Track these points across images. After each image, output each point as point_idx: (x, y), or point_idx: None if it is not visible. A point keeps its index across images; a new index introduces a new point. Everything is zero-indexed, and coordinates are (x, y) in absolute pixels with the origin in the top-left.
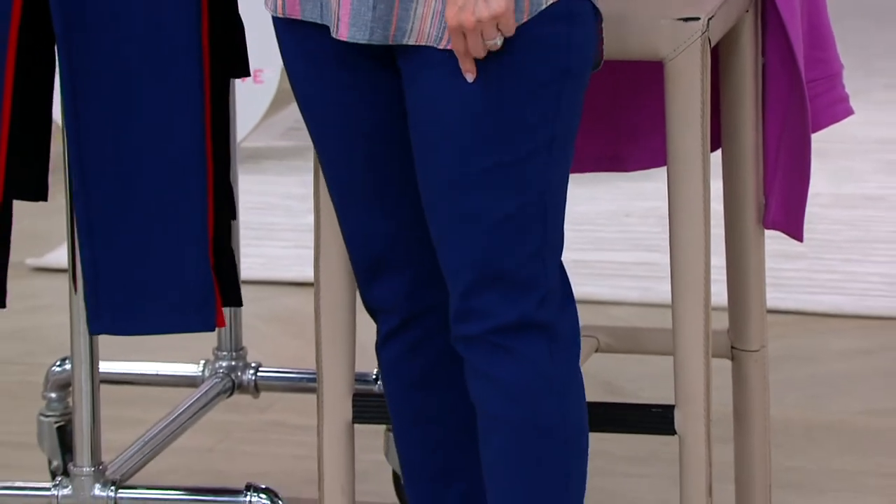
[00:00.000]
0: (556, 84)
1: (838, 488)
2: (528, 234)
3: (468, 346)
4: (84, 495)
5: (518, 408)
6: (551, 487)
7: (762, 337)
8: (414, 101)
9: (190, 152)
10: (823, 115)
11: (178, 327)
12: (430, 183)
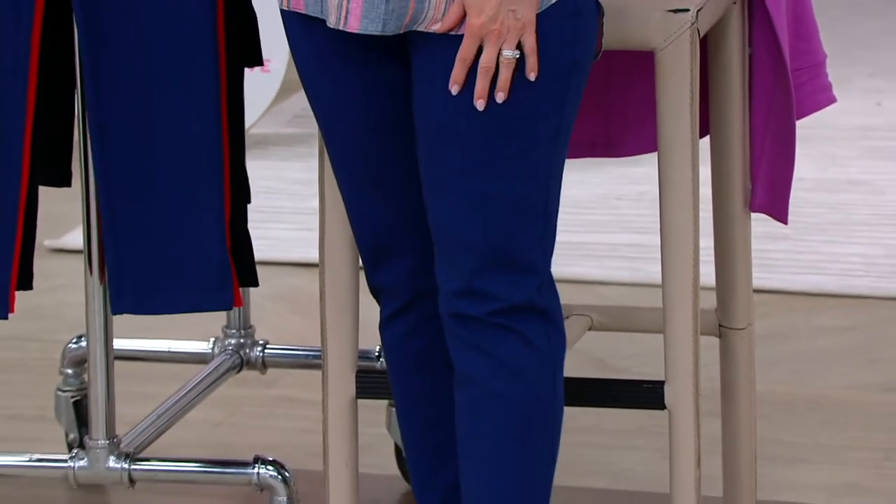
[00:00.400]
0: (564, 77)
1: (820, 460)
2: (533, 220)
3: (468, 325)
4: (99, 467)
5: (521, 385)
6: (541, 457)
7: (748, 315)
8: (424, 89)
9: (206, 139)
10: (808, 102)
11: (197, 307)
12: (439, 168)
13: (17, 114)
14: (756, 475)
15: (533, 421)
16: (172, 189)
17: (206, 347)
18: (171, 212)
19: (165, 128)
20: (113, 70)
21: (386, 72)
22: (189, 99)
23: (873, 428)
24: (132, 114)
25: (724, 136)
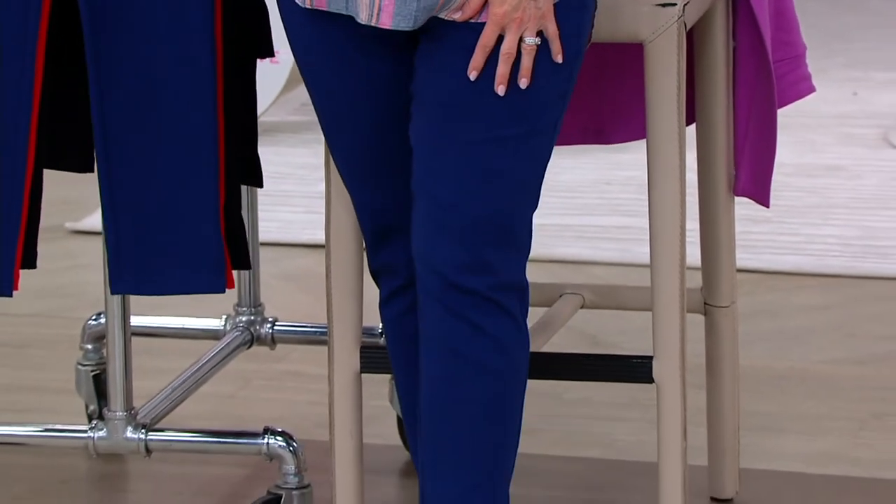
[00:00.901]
0: (570, 66)
1: (799, 430)
2: (530, 199)
3: (465, 299)
4: (117, 437)
5: (507, 360)
6: (514, 425)
7: (732, 294)
8: (435, 72)
9: (202, 129)
10: (788, 92)
11: (192, 288)
12: (449, 147)
13: (24, 100)
14: (739, 444)
15: (511, 393)
16: (169, 176)
17: (219, 324)
18: (168, 198)
19: (163, 117)
20: (114, 63)
21: (392, 63)
22: (186, 91)
23: (849, 399)
24: (131, 105)
25: (710, 124)
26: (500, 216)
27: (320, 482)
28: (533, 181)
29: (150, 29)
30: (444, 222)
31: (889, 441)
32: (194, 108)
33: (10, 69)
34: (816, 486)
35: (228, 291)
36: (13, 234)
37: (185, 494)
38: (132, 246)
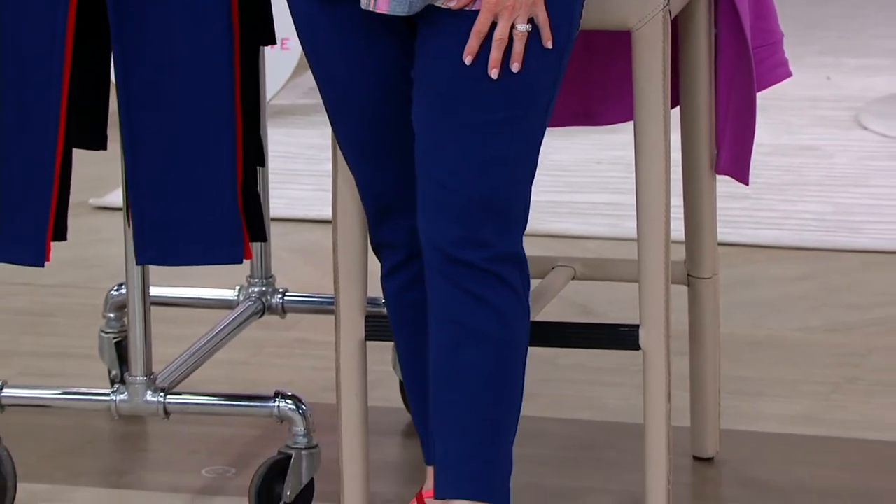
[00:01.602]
0: (560, 52)
1: (776, 393)
2: (523, 178)
3: (463, 270)
4: (138, 400)
5: (506, 328)
6: (515, 389)
7: (714, 266)
8: (432, 58)
9: (222, 110)
10: (766, 76)
11: (211, 260)
12: (446, 130)
13: (55, 83)
14: (720, 407)
15: (512, 358)
16: (190, 154)
17: (232, 295)
18: (189, 174)
19: (185, 99)
20: (138, 47)
21: (393, 48)
22: (206, 74)
23: (822, 365)
24: (155, 87)
25: (693, 107)
26: (494, 196)
27: (328, 443)
28: (526, 162)
29: (172, 15)
30: (442, 202)
31: (860, 403)
32: (213, 91)
33: (40, 51)
34: (792, 446)
35: (241, 265)
36: (45, 208)
37: (201, 453)
38: (156, 220)
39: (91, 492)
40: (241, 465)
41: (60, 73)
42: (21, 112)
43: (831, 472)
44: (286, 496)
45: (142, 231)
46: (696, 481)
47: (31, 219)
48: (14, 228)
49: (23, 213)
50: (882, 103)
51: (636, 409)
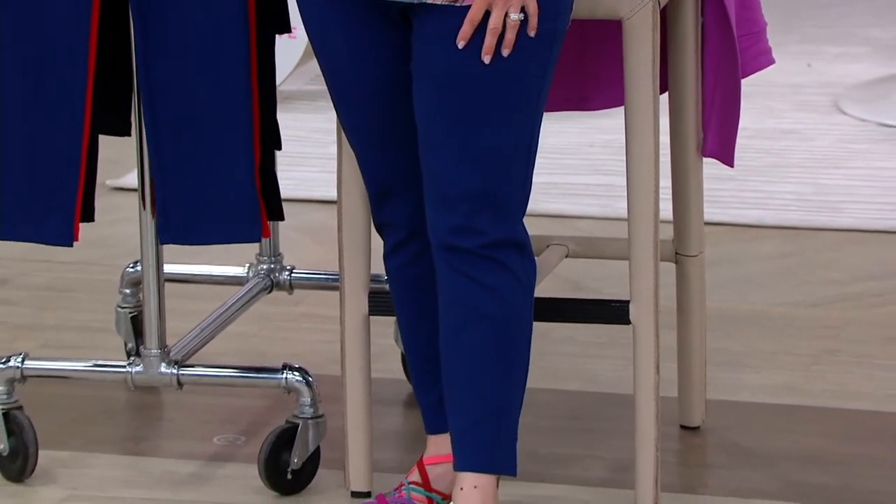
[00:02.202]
0: (549, 42)
1: (758, 365)
2: (518, 168)
3: (460, 256)
4: (153, 372)
5: (505, 307)
6: (517, 367)
7: (700, 244)
8: (427, 51)
9: (239, 96)
10: (751, 64)
11: (231, 238)
12: (439, 121)
13: (81, 74)
14: (706, 378)
15: (513, 336)
16: (210, 139)
17: (242, 272)
18: (209, 158)
19: (204, 86)
20: (160, 38)
21: (393, 37)
22: (224, 62)
23: (803, 338)
24: (176, 76)
25: (681, 93)
26: (489, 186)
27: (333, 412)
28: (521, 152)
29: (190, 6)
30: (438, 192)
31: (839, 374)
32: (230, 78)
33: (66, 44)
34: (774, 415)
35: (251, 243)
36: (73, 190)
37: (212, 423)
38: (178, 201)
39: (108, 458)
40: (251, 434)
41: (86, 63)
42: (50, 102)
43: (811, 439)
44: (293, 463)
45: (164, 212)
46: (682, 448)
47: (60, 201)
48: (44, 210)
49: (53, 195)
50: (860, 89)
51: (626, 381)
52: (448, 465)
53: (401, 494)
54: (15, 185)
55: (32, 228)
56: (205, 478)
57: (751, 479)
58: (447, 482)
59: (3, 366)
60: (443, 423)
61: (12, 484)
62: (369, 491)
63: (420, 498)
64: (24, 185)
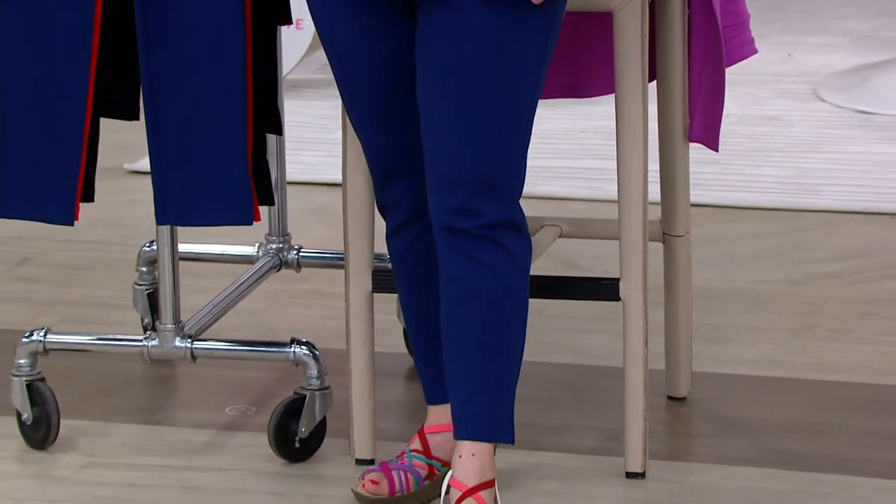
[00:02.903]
0: (548, 30)
1: (742, 339)
2: (515, 151)
3: (458, 235)
4: (167, 346)
5: (499, 283)
6: (513, 340)
7: (687, 225)
8: (429, 40)
9: (234, 86)
10: (734, 53)
11: (224, 221)
12: (439, 107)
13: (83, 62)
14: (691, 352)
15: (507, 311)
16: (206, 126)
17: (252, 251)
18: (204, 145)
19: (201, 76)
20: (160, 28)
21: (394, 26)
22: (220, 53)
23: (783, 314)
24: (174, 66)
25: (668, 81)
26: (484, 171)
27: (338, 384)
28: (516, 137)
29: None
30: (439, 175)
31: (817, 348)
32: (227, 68)
33: (71, 32)
34: (756, 386)
35: (261, 224)
36: (74, 171)
37: (224, 394)
38: (175, 185)
39: (126, 427)
40: (261, 405)
41: (89, 47)
42: (53, 85)
43: (791, 409)
44: (301, 432)
45: (162, 195)
46: (670, 418)
47: (62, 182)
48: (47, 190)
49: (55, 176)
50: (837, 77)
51: (616, 354)
52: (447, 433)
53: (403, 461)
54: (18, 166)
55: (35, 208)
56: (217, 446)
57: (734, 447)
58: (446, 450)
59: (27, 339)
60: (442, 395)
61: (36, 451)
62: (373, 458)
63: (421, 464)
64: (27, 165)
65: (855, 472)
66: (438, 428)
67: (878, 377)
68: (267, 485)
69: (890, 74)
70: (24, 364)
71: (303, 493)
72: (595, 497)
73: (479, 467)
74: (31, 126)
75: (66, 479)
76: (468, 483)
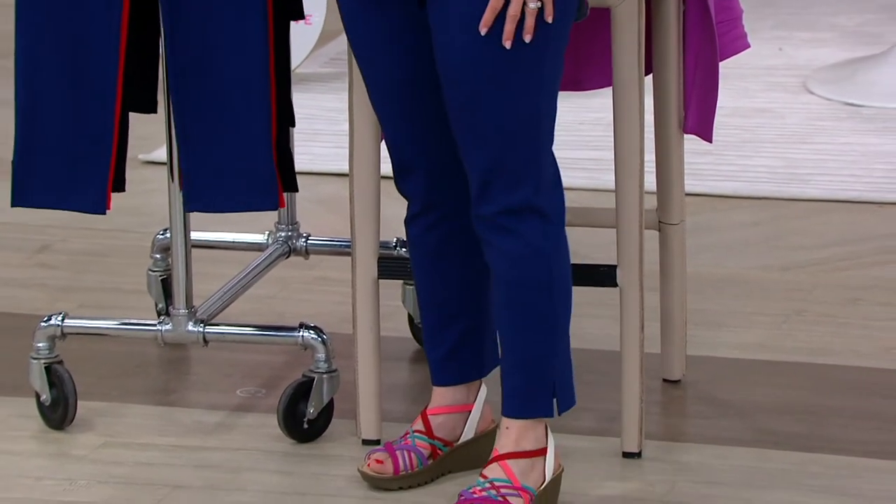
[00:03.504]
0: (563, 27)
1: (734, 324)
2: (526, 142)
3: (482, 224)
4: (181, 330)
5: (514, 271)
6: (537, 325)
7: (681, 213)
8: (445, 38)
9: (257, 78)
10: (728, 48)
11: (250, 207)
12: (459, 99)
13: (113, 59)
14: (686, 336)
15: (525, 300)
16: (231, 117)
17: (262, 239)
18: (230, 135)
19: (226, 69)
20: (186, 24)
21: (411, 24)
22: (244, 47)
23: (774, 299)
24: (200, 59)
25: (664, 75)
26: (502, 160)
27: (345, 367)
28: (532, 127)
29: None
30: (466, 166)
31: (807, 332)
32: (250, 62)
33: (100, 31)
34: (748, 369)
35: (270, 212)
36: (105, 163)
37: (235, 377)
38: (202, 173)
39: (141, 408)
40: (271, 387)
41: (117, 46)
42: (85, 81)
43: (782, 391)
44: (309, 413)
45: (190, 184)
46: (665, 400)
47: (94, 173)
48: (80, 181)
49: (88, 168)
50: (826, 71)
51: (613, 338)
52: (449, 415)
53: (406, 442)
54: (53, 158)
55: (70, 198)
56: (229, 427)
57: (727, 428)
58: (447, 430)
59: (45, 324)
60: (447, 377)
61: (54, 431)
62: (379, 439)
63: (424, 445)
64: (61, 158)
65: (844, 451)
66: (441, 409)
67: (865, 360)
68: (276, 464)
69: (877, 68)
70: (42, 347)
71: (311, 472)
72: (593, 476)
73: (515, 439)
74: (65, 120)
75: (84, 458)
76: (500, 450)
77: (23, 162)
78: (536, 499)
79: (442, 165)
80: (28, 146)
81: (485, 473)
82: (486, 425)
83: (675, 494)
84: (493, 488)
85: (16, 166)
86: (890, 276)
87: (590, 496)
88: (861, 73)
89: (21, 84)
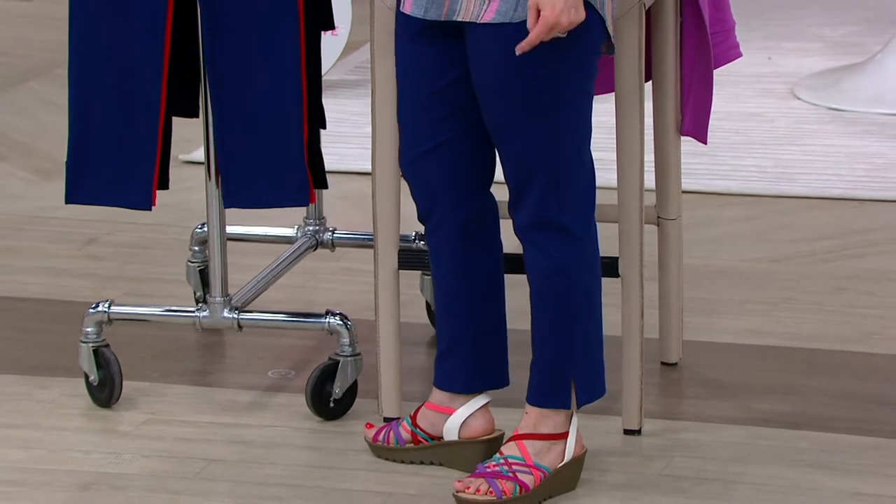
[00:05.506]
0: (591, 52)
1: (728, 311)
2: (549, 161)
3: (517, 231)
4: (217, 316)
5: (538, 280)
6: (559, 332)
7: (679, 209)
8: (479, 65)
9: (291, 83)
10: (721, 57)
11: (284, 203)
12: (492, 119)
13: (157, 63)
14: (683, 322)
15: (549, 307)
16: (266, 119)
17: (292, 232)
18: (264, 135)
19: (262, 76)
20: (225, 34)
21: (446, 49)
22: (279, 55)
23: (764, 289)
24: (238, 67)
25: (662, 81)
26: (526, 179)
27: (368, 351)
28: (562, 146)
29: (250, 6)
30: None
31: (794, 319)
32: (284, 68)
33: (146, 41)
34: (741, 353)
35: (298, 208)
36: (151, 163)
37: (266, 359)
38: (238, 172)
39: (180, 388)
40: (299, 369)
41: (161, 55)
42: (131, 87)
43: (771, 373)
44: (335, 393)
45: (227, 182)
46: (663, 382)
47: (141, 172)
48: (128, 180)
49: (134, 167)
50: (813, 79)
51: (615, 325)
52: (433, 412)
53: (397, 422)
54: (103, 159)
55: (118, 195)
56: (261, 405)
57: (720, 407)
58: (429, 423)
59: (93, 310)
60: (439, 378)
61: (101, 409)
62: (398, 416)
63: (406, 428)
64: (110, 157)
65: (829, 429)
66: (435, 407)
67: (848, 345)
68: (304, 440)
69: (859, 76)
70: (90, 332)
71: (336, 448)
72: (597, 452)
73: (533, 423)
74: (114, 124)
75: (128, 434)
76: (518, 431)
77: (75, 163)
78: (552, 476)
79: (470, 167)
80: (80, 149)
81: (501, 450)
82: (474, 434)
83: (672, 468)
84: (506, 464)
85: (69, 167)
86: (871, 266)
87: (593, 470)
88: (844, 81)
89: (74, 92)
